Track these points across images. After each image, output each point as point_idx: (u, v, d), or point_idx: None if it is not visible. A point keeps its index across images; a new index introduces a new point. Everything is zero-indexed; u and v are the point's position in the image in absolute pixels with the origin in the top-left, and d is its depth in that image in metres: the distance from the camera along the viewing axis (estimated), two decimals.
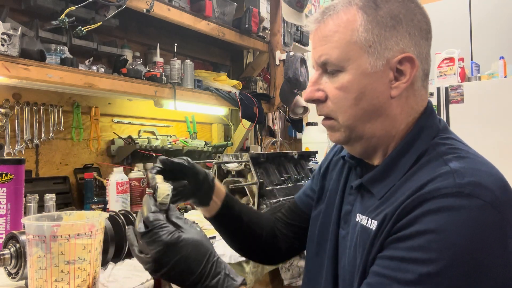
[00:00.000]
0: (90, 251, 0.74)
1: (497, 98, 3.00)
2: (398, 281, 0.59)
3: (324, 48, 0.72)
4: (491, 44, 3.99)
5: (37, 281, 0.72)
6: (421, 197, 0.61)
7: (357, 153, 0.79)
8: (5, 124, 1.55)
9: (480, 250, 0.57)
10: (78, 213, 0.84)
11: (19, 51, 1.36)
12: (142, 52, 2.16)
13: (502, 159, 2.88)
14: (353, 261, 0.72)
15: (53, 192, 1.47)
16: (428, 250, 0.58)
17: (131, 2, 1.69)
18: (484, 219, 0.58)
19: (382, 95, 0.70)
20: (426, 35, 0.72)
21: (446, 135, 0.72)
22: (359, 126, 0.72)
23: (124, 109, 2.11)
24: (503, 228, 0.59)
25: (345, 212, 0.80)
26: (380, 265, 0.63)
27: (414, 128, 0.72)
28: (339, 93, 0.72)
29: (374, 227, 0.68)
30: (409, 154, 0.70)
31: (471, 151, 0.69)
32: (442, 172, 0.63)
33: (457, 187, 0.60)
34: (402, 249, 0.61)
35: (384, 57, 0.69)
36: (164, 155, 0.95)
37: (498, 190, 0.60)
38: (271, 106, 2.67)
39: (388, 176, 0.71)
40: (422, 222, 0.59)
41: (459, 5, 4.22)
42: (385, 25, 0.69)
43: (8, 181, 1.10)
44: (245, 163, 1.57)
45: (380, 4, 0.70)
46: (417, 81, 0.72)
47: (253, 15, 2.39)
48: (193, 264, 0.65)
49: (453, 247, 0.57)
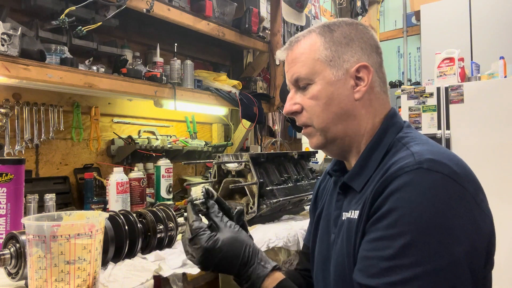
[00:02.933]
0: (90, 251, 0.74)
1: (497, 98, 2.99)
2: (382, 258, 0.66)
3: (295, 68, 0.86)
4: (491, 44, 3.99)
5: (37, 281, 0.71)
6: (388, 178, 0.70)
7: (334, 154, 0.90)
8: (5, 124, 1.55)
9: (446, 217, 0.63)
10: (78, 213, 0.84)
11: (19, 51, 1.36)
12: (142, 52, 2.16)
13: (502, 159, 2.88)
14: (341, 253, 0.80)
15: (53, 192, 1.47)
16: (399, 225, 0.65)
17: (131, 2, 1.69)
18: (444, 189, 0.66)
19: (347, 98, 0.83)
20: (376, 49, 0.87)
21: (408, 130, 0.84)
22: (332, 128, 0.84)
23: (124, 109, 2.11)
24: (464, 197, 0.66)
25: (334, 217, 0.88)
26: (365, 249, 0.71)
27: (381, 127, 0.84)
28: (312, 102, 0.85)
29: (356, 215, 0.77)
30: (379, 148, 0.82)
31: (430, 141, 0.79)
32: (404, 155, 0.73)
33: (417, 164, 0.68)
34: (379, 229, 0.68)
35: (343, 67, 0.83)
36: (164, 155, 0.98)
37: (455, 166, 0.69)
38: (271, 106, 2.68)
39: (364, 170, 0.81)
40: (390, 201, 0.68)
41: (459, 5, 4.22)
42: (340, 43, 0.84)
43: (8, 181, 1.10)
44: (245, 163, 1.57)
45: (333, 28, 0.86)
46: (375, 86, 0.85)
47: (253, 15, 2.39)
48: (233, 259, 0.83)
49: (420, 217, 0.64)
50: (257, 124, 2.72)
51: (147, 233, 1.11)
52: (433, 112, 3.22)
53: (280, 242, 1.39)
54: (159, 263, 1.07)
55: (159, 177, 1.80)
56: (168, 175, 1.82)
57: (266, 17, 2.71)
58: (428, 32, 4.42)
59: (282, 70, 2.62)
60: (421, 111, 3.26)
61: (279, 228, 1.50)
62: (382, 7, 5.14)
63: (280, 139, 3.17)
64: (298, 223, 1.60)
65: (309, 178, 1.84)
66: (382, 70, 0.87)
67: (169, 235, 1.15)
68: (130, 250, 1.05)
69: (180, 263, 1.08)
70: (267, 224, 1.59)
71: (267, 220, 1.63)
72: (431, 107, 3.23)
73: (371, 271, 0.67)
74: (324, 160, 2.59)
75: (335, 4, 4.16)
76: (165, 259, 1.10)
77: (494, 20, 4.01)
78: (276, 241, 1.38)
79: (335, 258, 0.82)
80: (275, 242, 1.38)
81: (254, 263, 0.83)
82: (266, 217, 1.63)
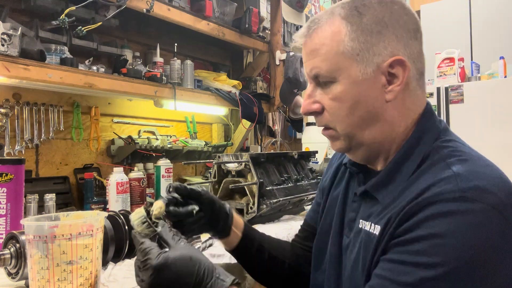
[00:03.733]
0: (92, 250, 0.75)
1: (497, 98, 2.99)
2: (398, 283, 0.59)
3: (314, 62, 0.73)
4: (491, 44, 3.99)
5: (39, 281, 0.71)
6: (424, 201, 0.61)
7: (359, 159, 0.79)
8: (5, 124, 1.55)
9: (483, 255, 0.56)
10: (76, 213, 0.84)
11: (19, 51, 1.36)
12: (142, 52, 2.15)
13: (503, 159, 2.87)
14: (356, 266, 0.72)
15: (53, 192, 1.47)
16: (430, 255, 0.57)
17: (131, 2, 1.69)
18: (487, 223, 0.57)
19: (377, 100, 0.70)
20: (415, 34, 0.72)
21: (448, 137, 0.72)
22: (358, 133, 0.73)
23: (124, 109, 2.11)
24: (507, 232, 0.58)
25: (349, 220, 0.80)
26: (382, 267, 0.64)
27: (415, 131, 0.72)
28: (334, 104, 0.72)
29: (378, 231, 0.68)
30: (412, 158, 0.70)
31: (474, 153, 0.69)
32: (445, 176, 0.63)
33: (460, 192, 0.59)
34: (404, 253, 0.61)
35: (373, 63, 0.69)
36: (164, 155, 0.96)
37: (502, 193, 0.60)
38: (271, 106, 2.68)
39: (392, 181, 0.71)
40: (424, 227, 0.59)
41: (459, 5, 4.22)
42: (371, 31, 0.69)
43: (8, 181, 1.10)
44: (245, 163, 1.57)
45: (362, 11, 0.70)
46: (411, 82, 0.72)
47: (253, 15, 2.40)
48: (187, 277, 0.67)
49: (455, 252, 0.56)
50: (257, 124, 2.72)
51: None
52: None
53: None
54: None
55: (159, 177, 1.80)
56: (168, 175, 1.82)
57: (266, 17, 2.71)
58: (428, 32, 4.42)
59: (282, 70, 2.62)
60: None
61: (279, 228, 1.50)
62: None
63: (280, 139, 3.17)
64: (298, 223, 1.60)
65: (309, 178, 1.84)
66: (421, 60, 0.73)
67: None
68: (130, 250, 1.05)
69: None
70: (267, 224, 1.59)
71: (267, 220, 1.63)
72: None
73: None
74: (324, 160, 2.59)
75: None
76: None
77: (494, 20, 4.02)
78: None
79: (350, 271, 0.75)
80: None
81: (212, 278, 0.68)
82: (266, 217, 1.63)
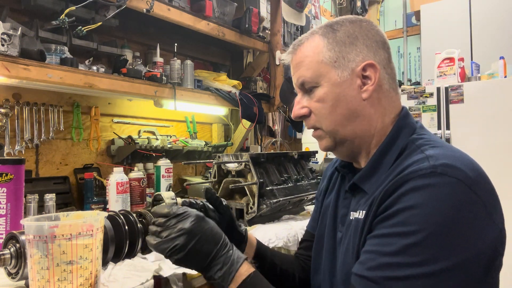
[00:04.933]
0: (92, 250, 0.75)
1: (497, 98, 2.99)
2: (383, 253, 0.66)
3: (300, 72, 0.85)
4: (491, 44, 3.99)
5: (39, 281, 0.71)
6: (400, 179, 0.69)
7: (344, 156, 0.89)
8: (5, 124, 1.55)
9: (453, 223, 0.63)
10: (76, 213, 0.84)
11: (19, 51, 1.36)
12: (142, 52, 2.16)
13: (502, 159, 2.88)
14: (347, 253, 0.79)
15: (53, 192, 1.47)
16: (408, 224, 0.65)
17: (131, 2, 1.69)
18: (456, 194, 0.65)
19: (355, 99, 0.82)
20: (383, 45, 0.85)
21: (423, 132, 0.82)
22: (341, 129, 0.83)
23: (124, 109, 2.11)
24: (475, 204, 0.65)
25: (341, 215, 0.88)
26: (368, 244, 0.71)
27: (393, 128, 0.82)
28: (319, 105, 0.84)
29: (363, 215, 0.77)
30: (391, 151, 0.80)
31: (445, 144, 0.78)
32: (418, 158, 0.72)
33: (431, 168, 0.67)
34: (386, 227, 0.68)
35: (349, 68, 0.82)
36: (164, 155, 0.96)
37: (470, 172, 0.68)
38: (271, 106, 2.68)
39: (376, 172, 0.80)
40: (402, 201, 0.67)
41: (459, 5, 4.22)
42: (344, 43, 0.82)
43: (8, 181, 1.10)
44: (245, 163, 1.57)
45: (337, 28, 0.84)
46: (384, 84, 0.83)
47: (253, 15, 2.39)
48: (217, 234, 0.80)
49: (430, 219, 0.64)
50: (257, 124, 2.72)
51: (147, 233, 1.11)
52: (433, 112, 3.22)
53: (280, 242, 1.39)
54: (159, 263, 1.07)
55: (159, 177, 1.80)
56: (168, 175, 1.82)
57: (266, 17, 2.71)
58: (428, 32, 4.42)
59: (282, 70, 2.62)
60: (421, 111, 3.26)
61: (279, 228, 1.50)
62: (382, 7, 5.14)
63: (280, 139, 3.17)
64: (298, 223, 1.60)
65: (309, 178, 1.84)
66: (390, 66, 0.85)
67: None
68: (130, 250, 1.05)
69: None
70: (267, 224, 1.59)
71: (267, 220, 1.63)
72: (431, 107, 3.23)
73: (370, 264, 0.67)
74: (324, 160, 2.59)
75: (335, 4, 4.16)
76: (165, 259, 1.10)
77: (494, 20, 4.01)
78: (276, 241, 1.38)
79: (343, 258, 0.82)
80: (275, 242, 1.38)
81: (233, 247, 0.80)
82: (266, 217, 1.63)
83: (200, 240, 0.77)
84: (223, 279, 0.77)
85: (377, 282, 0.65)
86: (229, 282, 0.76)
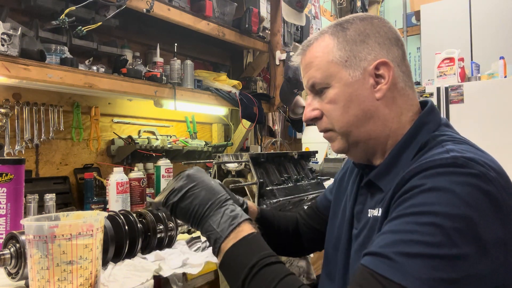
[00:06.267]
0: (92, 250, 0.75)
1: (497, 98, 3.00)
2: (398, 231, 0.62)
3: (310, 73, 0.83)
4: (491, 44, 3.99)
5: (39, 281, 0.71)
6: (419, 167, 0.66)
7: (358, 158, 0.86)
8: (5, 124, 1.55)
9: (472, 211, 0.60)
10: (76, 213, 0.84)
11: (19, 51, 1.36)
12: (142, 52, 2.16)
13: (502, 159, 2.87)
14: (362, 249, 0.75)
15: (53, 192, 1.47)
16: (427, 205, 0.61)
17: (131, 2, 1.69)
18: (477, 185, 0.61)
19: (368, 99, 0.79)
20: (396, 42, 0.82)
21: (447, 129, 0.79)
22: (354, 131, 0.80)
23: (124, 109, 2.11)
24: (495, 195, 0.62)
25: (357, 212, 0.86)
26: (384, 228, 0.67)
27: (413, 125, 0.79)
28: (330, 106, 0.81)
29: (381, 213, 0.73)
30: (411, 147, 0.77)
31: (470, 142, 0.75)
32: (439, 151, 0.69)
33: (452, 159, 0.64)
34: (400, 210, 0.65)
35: (360, 67, 0.79)
36: (164, 155, 0.97)
37: (491, 170, 0.64)
38: (271, 106, 2.67)
39: (393, 169, 0.77)
40: (418, 189, 0.64)
41: (459, 5, 4.22)
42: (355, 41, 0.80)
43: (8, 181, 1.10)
44: (245, 163, 1.57)
45: (346, 26, 0.81)
46: (399, 82, 0.80)
47: (253, 15, 2.40)
48: (217, 188, 0.79)
49: (448, 203, 0.60)
50: (257, 124, 2.72)
51: (147, 233, 1.11)
52: None
53: None
54: (159, 263, 1.07)
55: (159, 177, 1.81)
56: (168, 175, 1.82)
57: (266, 17, 2.71)
58: (428, 32, 4.42)
59: (282, 70, 2.62)
60: None
61: None
62: (382, 7, 5.14)
63: (280, 139, 3.17)
64: None
65: (309, 178, 1.84)
66: (405, 64, 0.82)
67: (169, 235, 1.15)
68: (130, 250, 1.05)
69: (180, 263, 1.08)
70: None
71: None
72: None
73: (383, 242, 0.63)
74: (324, 160, 2.59)
75: (335, 4, 4.16)
76: (165, 259, 1.11)
77: (494, 20, 4.02)
78: None
79: (356, 255, 0.80)
80: None
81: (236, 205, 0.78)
82: None
83: (198, 185, 0.77)
84: (221, 230, 0.72)
85: (390, 258, 0.60)
86: (227, 233, 0.72)
